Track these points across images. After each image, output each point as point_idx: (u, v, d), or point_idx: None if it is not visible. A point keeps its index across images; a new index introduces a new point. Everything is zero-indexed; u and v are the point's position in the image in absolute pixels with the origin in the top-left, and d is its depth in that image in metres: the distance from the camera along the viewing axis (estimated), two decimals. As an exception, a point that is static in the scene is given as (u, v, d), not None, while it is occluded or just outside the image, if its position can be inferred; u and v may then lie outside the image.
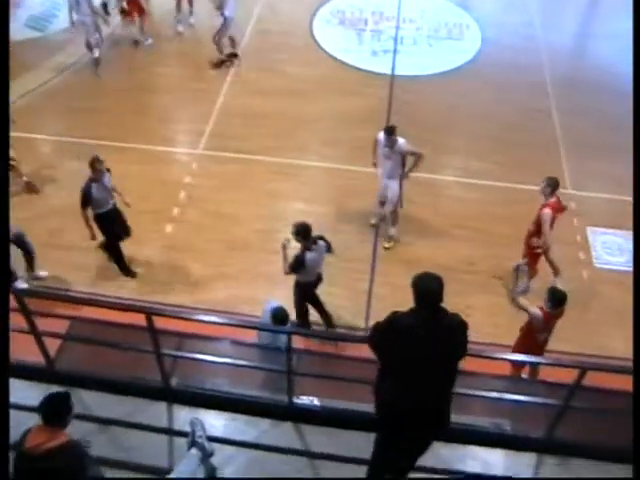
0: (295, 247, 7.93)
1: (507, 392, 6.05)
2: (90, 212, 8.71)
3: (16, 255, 8.68)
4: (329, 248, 8.13)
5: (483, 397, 5.91)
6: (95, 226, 8.84)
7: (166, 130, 12.40)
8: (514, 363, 7.49)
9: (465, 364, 4.88)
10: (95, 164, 8.52)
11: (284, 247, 7.85)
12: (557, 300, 7.16)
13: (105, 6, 14.03)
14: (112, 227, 9.01)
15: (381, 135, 9.43)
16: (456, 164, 11.71)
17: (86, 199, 8.56)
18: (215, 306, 8.95)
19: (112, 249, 9.24)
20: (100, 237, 9.06)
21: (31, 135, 11.82)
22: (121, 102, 12.78)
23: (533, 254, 8.93)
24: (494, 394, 5.93)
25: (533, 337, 7.37)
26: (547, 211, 8.51)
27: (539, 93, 13.16)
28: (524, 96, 13.06)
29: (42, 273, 9.28)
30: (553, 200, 8.64)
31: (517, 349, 7.48)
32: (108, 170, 8.76)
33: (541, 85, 13.34)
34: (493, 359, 5.88)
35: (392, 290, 9.02)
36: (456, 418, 4.93)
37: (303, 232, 7.78)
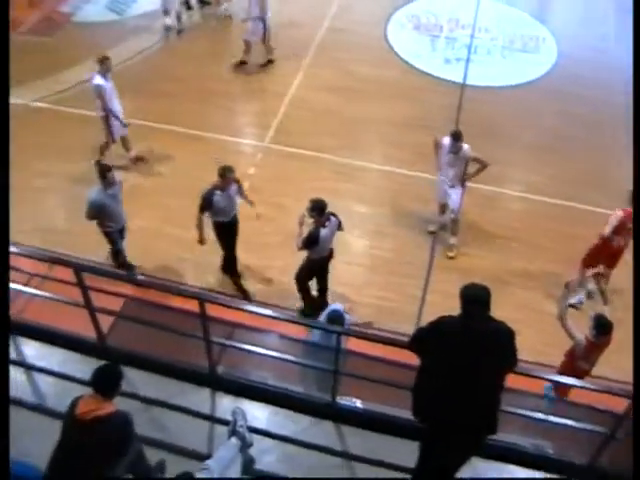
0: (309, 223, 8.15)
1: (552, 414, 5.97)
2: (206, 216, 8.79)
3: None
4: (340, 225, 8.32)
5: (526, 417, 5.83)
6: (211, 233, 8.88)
7: (234, 121, 12.58)
8: (559, 387, 7.25)
9: (510, 381, 4.82)
10: (226, 173, 8.30)
11: (301, 223, 8.01)
12: (602, 328, 6.85)
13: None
14: (231, 239, 8.95)
15: (446, 140, 9.32)
16: (519, 177, 11.59)
17: (205, 205, 8.40)
18: (265, 298, 9.05)
19: (228, 261, 9.13)
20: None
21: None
22: (191, 89, 12.95)
23: (609, 255, 8.67)
24: (539, 415, 5.78)
25: (574, 364, 7.14)
26: (619, 212, 8.37)
27: (611, 110, 12.84)
28: (595, 112, 12.81)
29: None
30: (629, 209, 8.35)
31: (559, 373, 7.23)
32: (237, 181, 8.68)
33: (614, 101, 12.99)
34: (540, 379, 5.73)
35: (444, 298, 8.90)
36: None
37: (319, 208, 7.93)
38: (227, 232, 8.80)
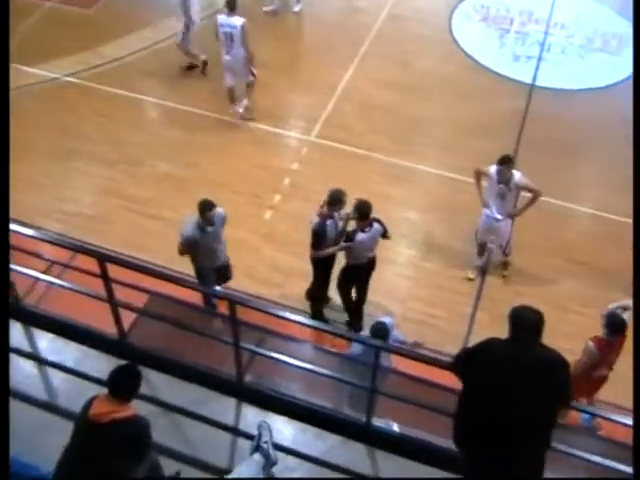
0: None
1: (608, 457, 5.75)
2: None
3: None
4: (385, 233, 8.33)
5: (582, 459, 5.66)
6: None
7: (281, 111, 12.66)
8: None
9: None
10: (342, 198, 8.18)
11: (345, 220, 8.22)
12: (615, 326, 6.88)
13: None
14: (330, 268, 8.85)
15: (493, 169, 8.92)
16: (589, 193, 11.46)
17: (318, 239, 8.31)
18: (302, 304, 9.18)
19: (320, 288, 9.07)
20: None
21: (134, 95, 12.39)
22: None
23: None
24: (596, 458, 5.63)
25: (590, 377, 7.13)
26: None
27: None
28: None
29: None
30: None
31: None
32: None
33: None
34: (589, 414, 5.65)
35: (495, 319, 8.86)
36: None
37: (363, 212, 8.01)
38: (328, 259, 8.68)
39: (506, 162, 8.82)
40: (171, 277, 6.28)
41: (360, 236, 8.12)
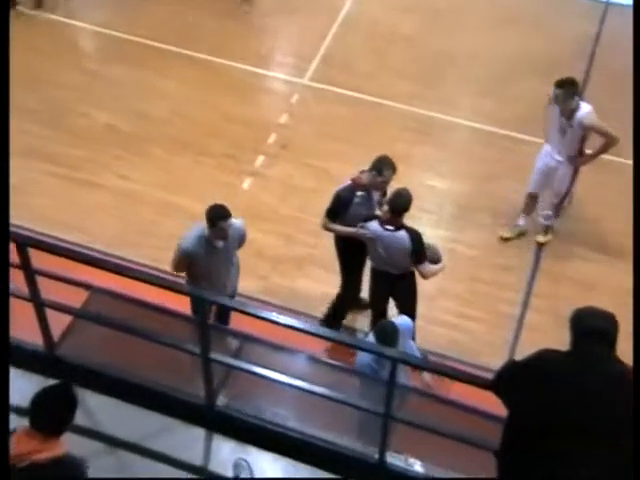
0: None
1: None
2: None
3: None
4: (418, 253, 8.11)
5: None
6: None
7: (264, 44, 12.64)
8: None
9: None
10: (388, 167, 8.12)
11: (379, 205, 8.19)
12: None
13: None
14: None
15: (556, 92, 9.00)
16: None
17: (337, 208, 8.31)
18: (291, 301, 9.16)
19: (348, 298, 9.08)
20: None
21: (70, 21, 12.44)
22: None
23: None
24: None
25: None
26: None
27: None
28: None
29: None
30: None
31: None
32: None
33: None
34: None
35: (552, 320, 8.90)
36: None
37: (395, 204, 7.95)
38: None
39: (565, 85, 8.93)
40: (119, 267, 6.19)
41: (376, 227, 7.99)
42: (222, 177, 10.41)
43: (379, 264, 8.29)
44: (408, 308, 8.40)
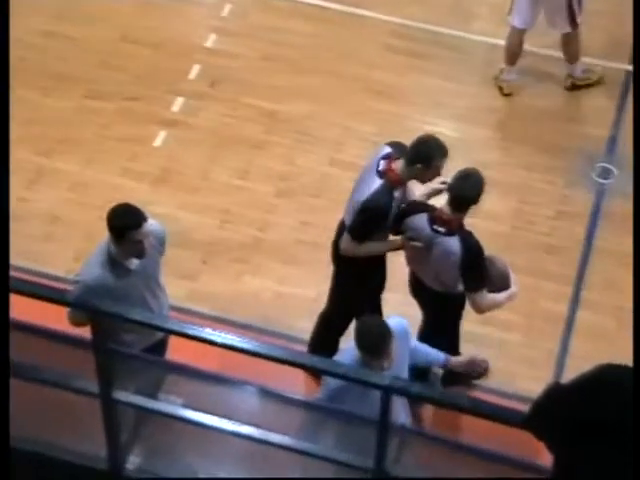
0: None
1: None
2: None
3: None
4: (473, 278, 7.10)
5: None
6: None
7: None
8: None
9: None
10: (435, 152, 7.19)
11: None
12: None
13: None
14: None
15: None
16: None
17: (374, 223, 7.23)
18: (232, 309, 8.37)
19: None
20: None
21: None
22: None
23: None
24: None
25: None
26: None
27: None
28: None
29: None
30: None
31: None
32: None
33: None
34: None
35: (616, 319, 8.31)
36: None
37: (459, 195, 6.78)
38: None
39: None
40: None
41: (424, 226, 6.93)
42: (123, 129, 9.46)
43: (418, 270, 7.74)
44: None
